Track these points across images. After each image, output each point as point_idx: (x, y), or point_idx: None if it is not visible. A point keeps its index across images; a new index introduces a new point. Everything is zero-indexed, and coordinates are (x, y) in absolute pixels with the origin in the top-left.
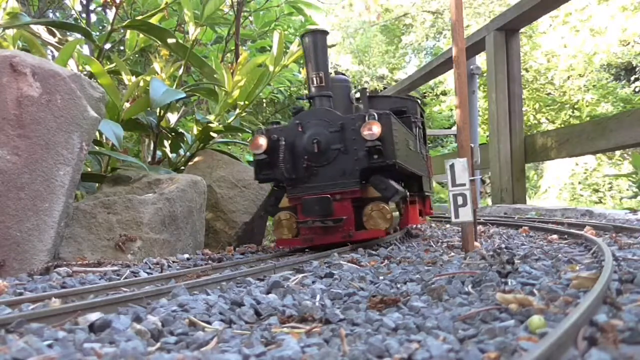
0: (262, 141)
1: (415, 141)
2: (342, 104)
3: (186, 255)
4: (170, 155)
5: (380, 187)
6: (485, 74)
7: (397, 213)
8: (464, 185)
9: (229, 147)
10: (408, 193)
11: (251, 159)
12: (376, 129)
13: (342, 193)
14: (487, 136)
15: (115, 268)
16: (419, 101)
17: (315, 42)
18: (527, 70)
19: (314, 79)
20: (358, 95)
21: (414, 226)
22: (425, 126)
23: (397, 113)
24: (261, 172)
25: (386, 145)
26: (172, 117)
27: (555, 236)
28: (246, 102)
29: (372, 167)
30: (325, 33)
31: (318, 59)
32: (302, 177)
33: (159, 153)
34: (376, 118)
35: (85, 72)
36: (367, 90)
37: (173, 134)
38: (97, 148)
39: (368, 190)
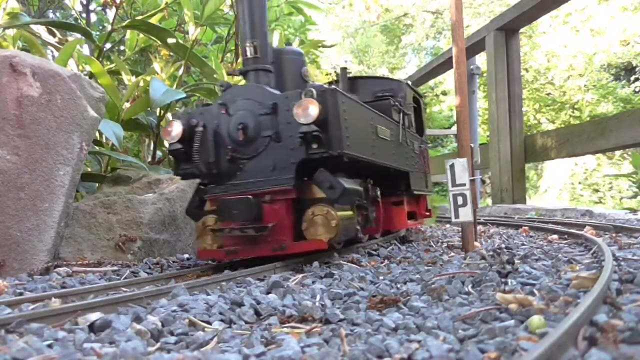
0: (177, 128)
1: (398, 130)
2: (291, 82)
3: (186, 255)
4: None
5: (323, 186)
6: (485, 74)
7: (353, 219)
8: (464, 185)
9: None
10: (379, 192)
11: None
12: (313, 109)
13: (273, 192)
14: (487, 136)
15: (115, 268)
16: (411, 84)
17: (251, 4)
18: (527, 70)
19: (247, 49)
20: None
21: (412, 229)
22: (423, 114)
23: (383, 96)
24: (180, 167)
25: (330, 130)
26: None
27: (555, 236)
28: None
29: (311, 159)
30: None
31: (254, 23)
32: (225, 172)
33: (159, 153)
34: (314, 95)
35: (85, 72)
36: (348, 70)
37: None
38: (97, 148)
39: (311, 189)
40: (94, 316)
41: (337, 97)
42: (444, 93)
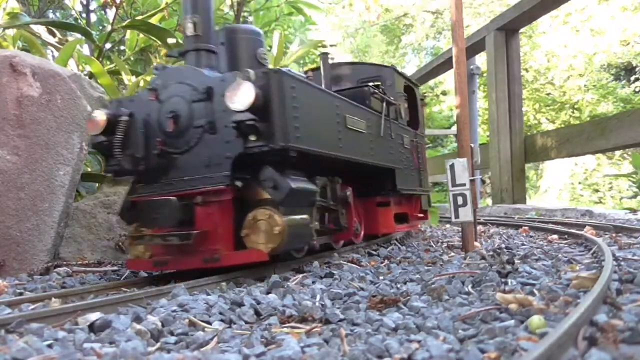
0: (100, 117)
1: (378, 121)
2: (245, 65)
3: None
4: None
5: (266, 185)
6: (485, 74)
7: (306, 225)
8: (464, 185)
9: None
10: (349, 193)
11: None
12: (248, 94)
13: (205, 193)
14: (487, 136)
15: (115, 268)
16: (402, 72)
17: None
18: (527, 70)
19: (187, 25)
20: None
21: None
22: (418, 105)
23: (361, 84)
24: (108, 163)
25: (272, 119)
26: None
27: (555, 236)
28: None
29: (250, 154)
30: None
31: None
32: (155, 168)
33: None
34: (251, 77)
35: (85, 72)
36: (330, 55)
37: None
38: None
39: (255, 189)
40: (94, 316)
41: (282, 79)
42: (444, 93)
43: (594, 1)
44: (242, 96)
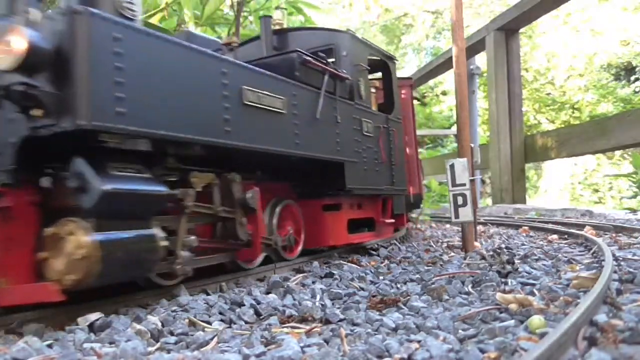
0: None
1: (315, 99)
2: None
3: None
4: None
5: (71, 186)
6: (485, 74)
7: (148, 244)
8: (464, 185)
9: None
10: (252, 195)
11: None
12: (16, 44)
13: None
14: (487, 136)
15: None
16: (367, 40)
17: None
18: (527, 71)
19: None
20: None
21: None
22: (393, 84)
23: (322, 54)
24: None
25: (68, 85)
26: None
27: (555, 236)
28: None
29: (41, 137)
30: None
31: None
32: None
33: None
34: (32, 20)
35: None
36: (276, 20)
37: None
38: None
39: (65, 192)
40: (93, 316)
41: (92, 24)
42: (444, 93)
43: (594, 1)
44: (7, 48)
